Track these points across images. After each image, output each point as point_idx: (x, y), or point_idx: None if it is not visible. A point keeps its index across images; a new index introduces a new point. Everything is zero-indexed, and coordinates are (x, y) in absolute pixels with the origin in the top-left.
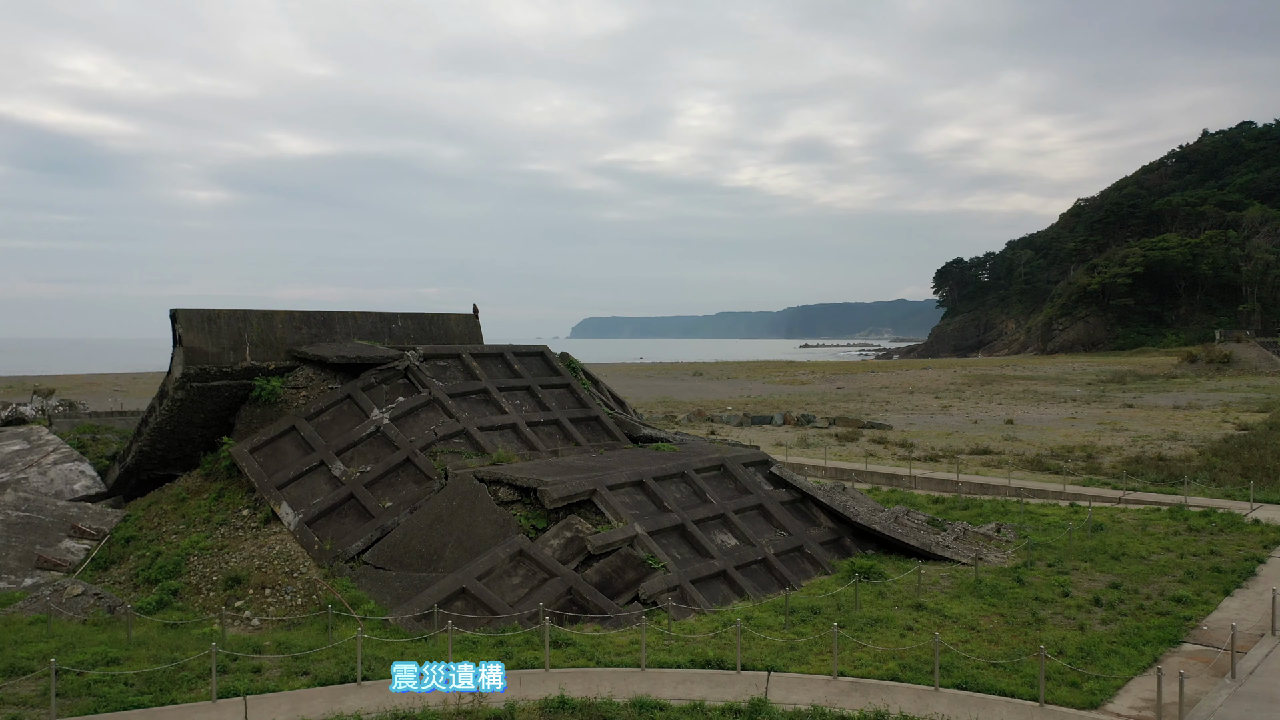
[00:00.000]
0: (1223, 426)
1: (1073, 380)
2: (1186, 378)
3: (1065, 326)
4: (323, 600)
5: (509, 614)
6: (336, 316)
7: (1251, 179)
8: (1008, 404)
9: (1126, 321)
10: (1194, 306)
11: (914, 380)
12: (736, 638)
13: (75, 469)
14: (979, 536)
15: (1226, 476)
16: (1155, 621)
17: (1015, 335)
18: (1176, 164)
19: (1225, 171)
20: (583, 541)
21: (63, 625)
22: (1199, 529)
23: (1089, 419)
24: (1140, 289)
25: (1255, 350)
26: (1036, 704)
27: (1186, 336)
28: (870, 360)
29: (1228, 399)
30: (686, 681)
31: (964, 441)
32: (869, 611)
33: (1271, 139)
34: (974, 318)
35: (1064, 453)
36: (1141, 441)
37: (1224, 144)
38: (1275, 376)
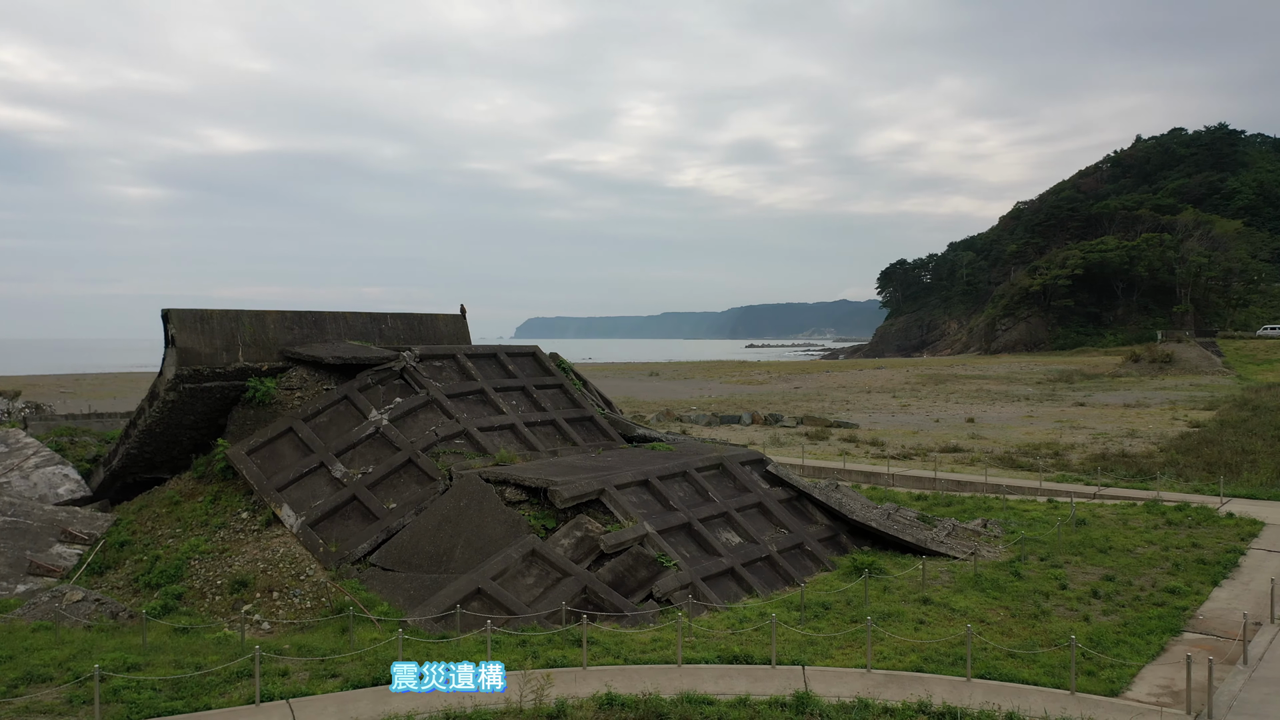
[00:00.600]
0: (1174, 424)
1: (1022, 379)
2: (1131, 377)
3: (1008, 327)
4: (334, 603)
5: (527, 614)
6: (328, 316)
7: (1183, 184)
8: (964, 403)
9: (1066, 322)
10: (1131, 307)
11: (869, 380)
12: (772, 634)
13: (58, 472)
14: (968, 532)
15: (1192, 472)
16: (1154, 612)
17: (958, 335)
18: (1112, 168)
19: (1158, 176)
20: (593, 541)
21: (71, 632)
22: (1177, 523)
23: (1046, 417)
24: (1080, 290)
25: (1195, 350)
26: (1068, 692)
27: (1124, 336)
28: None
29: (1173, 397)
30: (725, 677)
31: (931, 440)
32: (878, 606)
33: (1201, 145)
34: (917, 318)
35: (1031, 450)
36: (1102, 439)
37: (1156, 150)
38: (1215, 375)
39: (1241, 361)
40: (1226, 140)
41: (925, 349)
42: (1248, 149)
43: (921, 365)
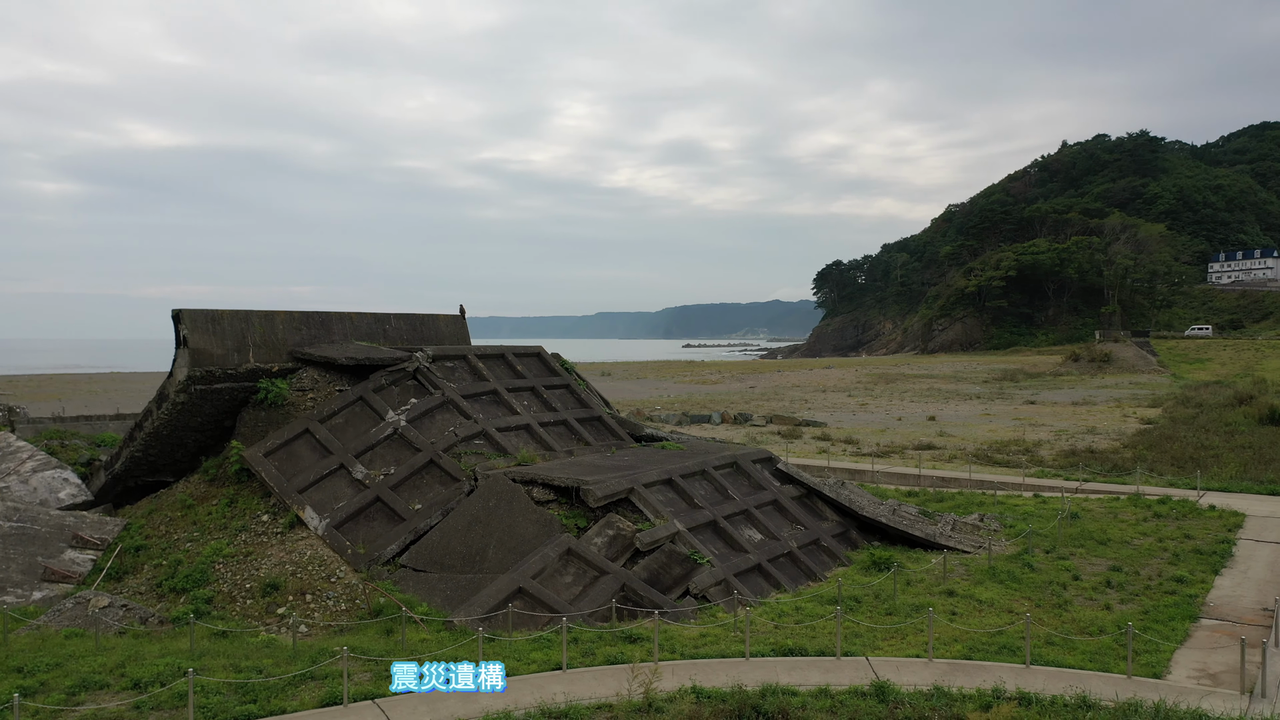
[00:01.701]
0: (1126, 421)
1: (969, 379)
2: (1072, 375)
3: (945, 327)
4: (370, 604)
5: (570, 612)
6: (334, 317)
7: (1108, 188)
8: (919, 401)
9: (1000, 322)
10: (1062, 308)
11: (821, 379)
12: (837, 628)
13: (58, 476)
14: (968, 526)
15: (1163, 467)
16: (1168, 600)
17: (892, 335)
18: (1039, 173)
19: (1084, 181)
20: (626, 539)
21: (109, 638)
22: (1164, 515)
23: (1003, 415)
24: (1013, 291)
25: (1132, 350)
26: (1124, 676)
27: (1055, 336)
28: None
29: (1117, 395)
30: (796, 669)
31: (902, 438)
32: (906, 600)
33: (1124, 151)
34: (853, 318)
35: (1001, 447)
36: (1064, 436)
37: (1082, 155)
38: (1151, 374)
39: (1175, 360)
40: (1148, 147)
41: (861, 349)
42: (1168, 155)
43: (870, 365)
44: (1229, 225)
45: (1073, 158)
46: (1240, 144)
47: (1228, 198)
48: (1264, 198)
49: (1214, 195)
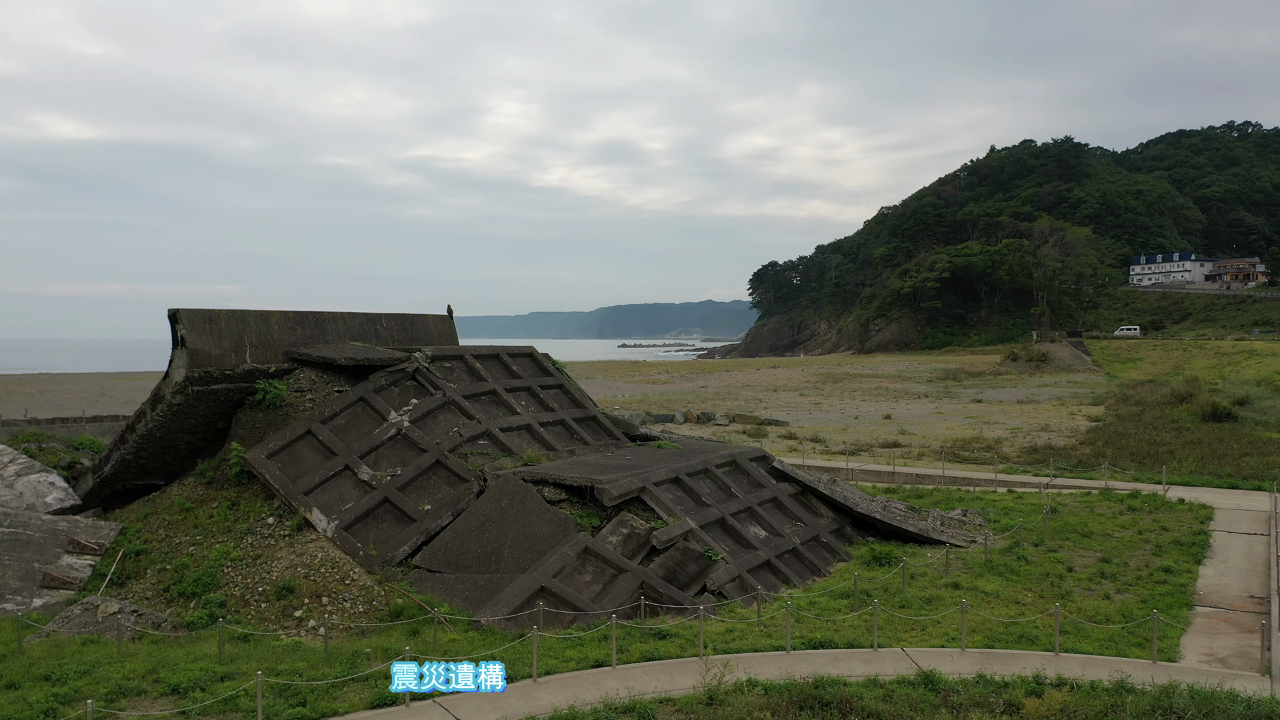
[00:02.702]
0: (1073, 419)
1: (913, 378)
2: (1011, 375)
3: (881, 327)
4: (389, 605)
5: (593, 610)
6: (328, 317)
7: (1034, 192)
8: (869, 400)
9: (935, 323)
10: (993, 309)
11: (769, 379)
12: (874, 620)
13: (43, 480)
14: (954, 521)
15: (1125, 462)
16: (1161, 590)
17: (828, 335)
18: (969, 176)
19: (1012, 185)
20: (641, 537)
21: (132, 645)
22: (1138, 509)
23: (955, 414)
24: (947, 292)
25: (1068, 349)
26: (1149, 661)
27: (987, 336)
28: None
29: (1058, 394)
30: (839, 660)
31: (866, 436)
32: (914, 593)
33: (1050, 156)
34: (788, 318)
35: (964, 444)
36: (1020, 433)
37: (1009, 160)
38: (1087, 373)
39: (1108, 360)
40: (1072, 152)
41: (797, 348)
42: (1091, 161)
43: (814, 364)
44: (1149, 229)
45: (1001, 162)
46: (1158, 151)
47: (1147, 203)
48: (1181, 203)
49: (1135, 200)
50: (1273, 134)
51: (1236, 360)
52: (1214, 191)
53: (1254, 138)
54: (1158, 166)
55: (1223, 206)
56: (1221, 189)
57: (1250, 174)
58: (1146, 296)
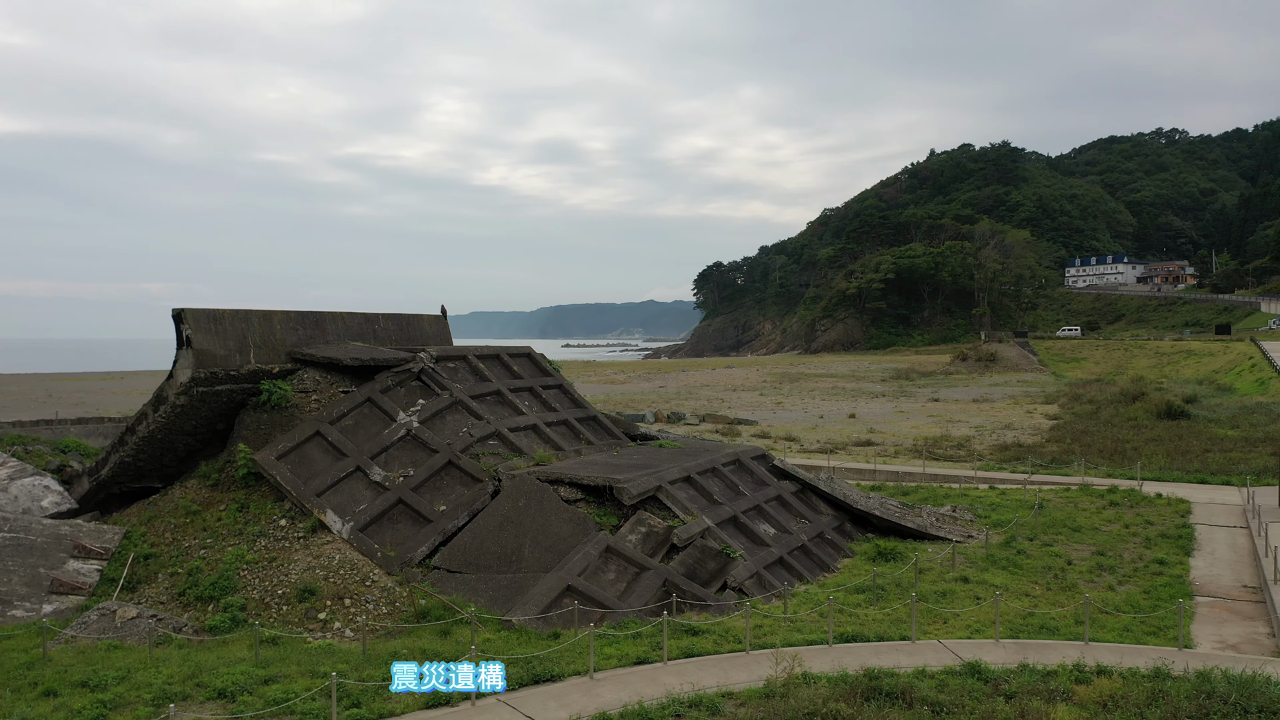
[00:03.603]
0: (1032, 417)
1: (866, 377)
2: (961, 374)
3: (827, 328)
4: (411, 607)
5: (620, 608)
6: (327, 317)
7: (974, 195)
8: (829, 400)
9: (880, 323)
10: (936, 310)
11: (726, 379)
12: (912, 614)
13: (38, 484)
14: (947, 518)
15: (1094, 459)
16: (1159, 581)
17: (772, 335)
18: (909, 179)
19: (951, 188)
20: (659, 535)
21: (163, 650)
22: (1119, 504)
23: (916, 412)
24: (891, 293)
25: (1015, 350)
26: (1176, 649)
27: (930, 336)
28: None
29: (1010, 393)
30: (880, 653)
31: (838, 435)
32: (926, 588)
33: (988, 161)
34: (733, 319)
35: (934, 442)
36: (984, 431)
37: (949, 163)
38: (1034, 372)
39: (1054, 360)
40: (1009, 157)
41: (742, 348)
42: (1027, 165)
43: (769, 364)
44: (1083, 232)
45: (940, 166)
46: (1090, 156)
47: (1082, 206)
48: (1113, 207)
49: (1069, 204)
50: (1199, 141)
51: (1176, 360)
52: (1144, 196)
53: (1181, 144)
54: (1090, 171)
55: (1152, 211)
56: (1151, 194)
57: (1178, 180)
58: (1082, 298)
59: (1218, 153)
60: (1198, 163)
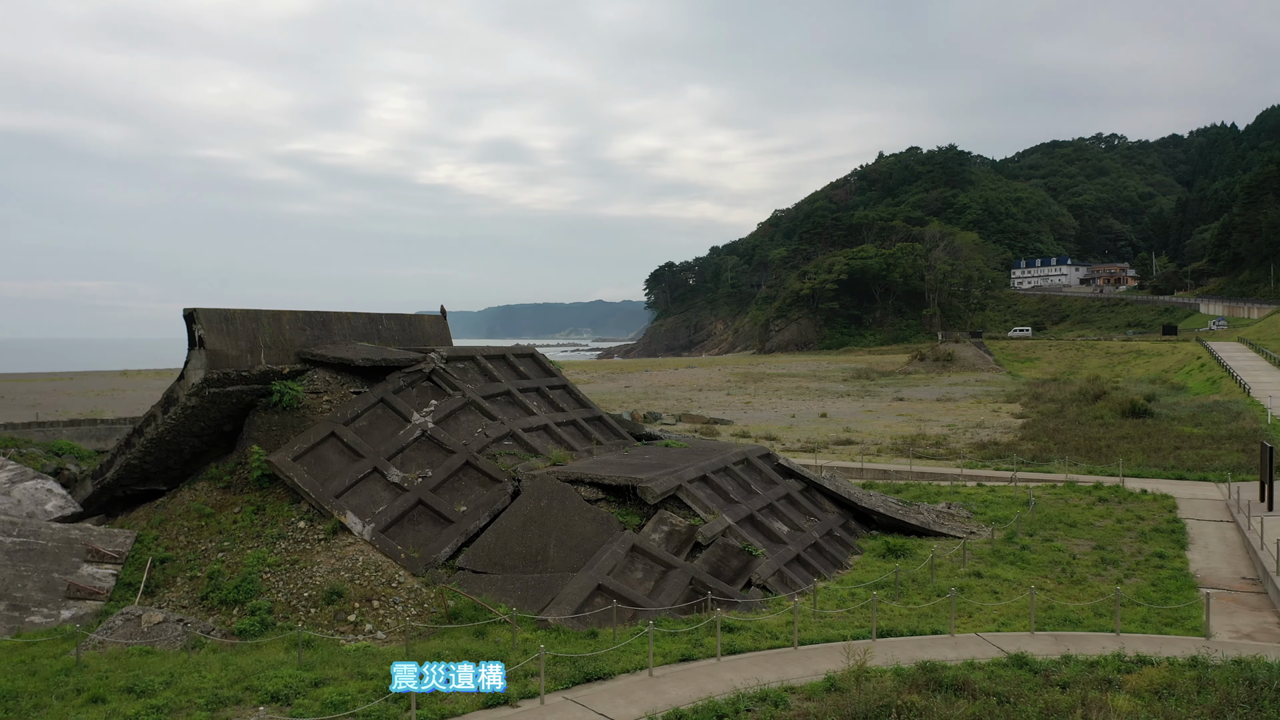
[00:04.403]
0: (999, 416)
1: (828, 377)
2: (920, 373)
3: (781, 328)
4: (443, 608)
5: (650, 606)
6: (333, 317)
7: (922, 198)
8: (796, 399)
9: (832, 323)
10: (888, 310)
11: (690, 379)
12: (951, 609)
13: (40, 487)
14: (945, 514)
15: (1072, 456)
16: (1164, 574)
17: (724, 336)
18: (859, 181)
19: (900, 190)
20: (682, 534)
21: (203, 655)
22: (1107, 499)
23: (885, 411)
24: (843, 294)
25: (972, 350)
26: (1203, 638)
27: (882, 336)
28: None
29: (971, 392)
30: (924, 647)
31: (816, 434)
32: (942, 583)
33: (936, 163)
34: (685, 319)
35: (912, 441)
36: (957, 430)
37: (897, 166)
38: (991, 372)
39: (1008, 359)
40: (956, 160)
41: (694, 348)
42: (973, 169)
43: (730, 364)
44: (1028, 235)
45: (889, 168)
46: (1034, 160)
47: (1026, 209)
48: (1056, 210)
49: (1014, 207)
50: (1137, 146)
51: (1127, 360)
52: (1085, 200)
53: (1120, 149)
54: (1034, 175)
55: (1094, 214)
56: (1092, 197)
57: (1118, 184)
58: (1027, 299)
59: (1155, 158)
60: (1136, 167)
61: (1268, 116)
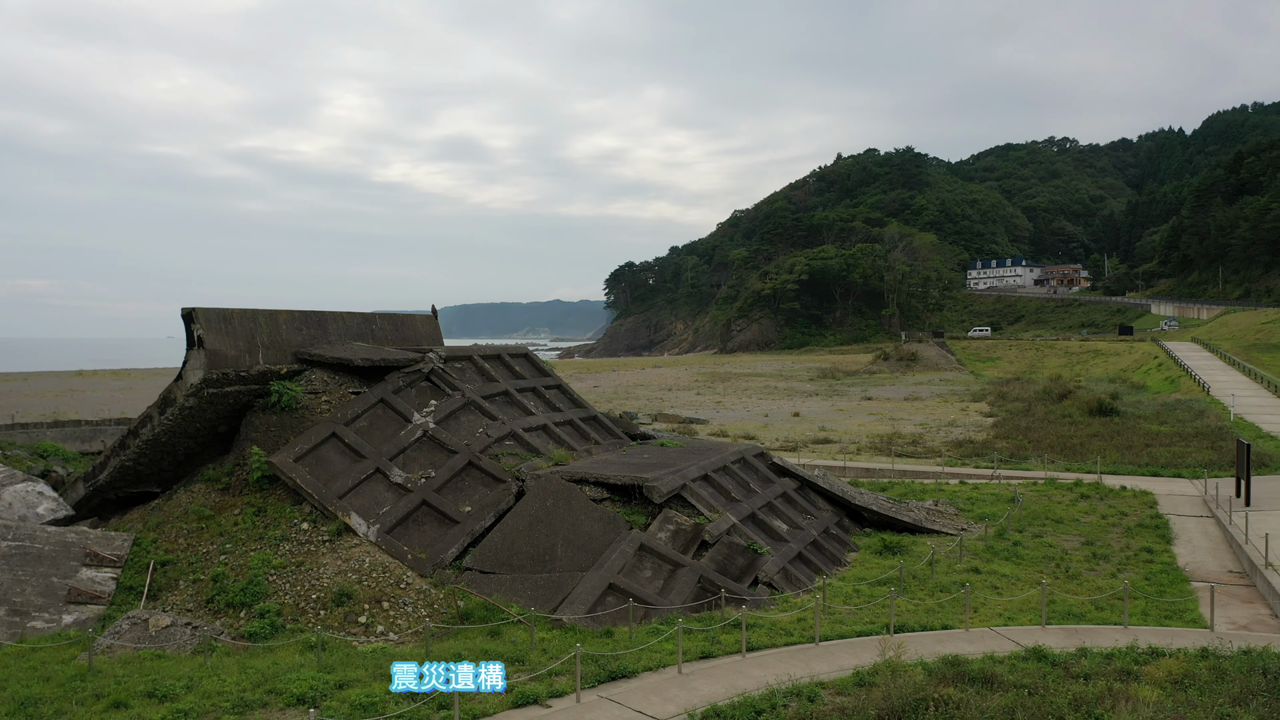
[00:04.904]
0: (968, 414)
1: (794, 377)
2: (884, 373)
3: (743, 328)
4: (452, 608)
5: (662, 605)
6: (329, 317)
7: (880, 199)
8: (766, 398)
9: (793, 323)
10: (848, 310)
11: (658, 378)
12: (965, 603)
13: (31, 490)
14: (935, 512)
15: (1049, 454)
16: (1154, 568)
17: (684, 335)
18: (818, 182)
19: (859, 191)
20: (688, 532)
21: (220, 659)
22: (1089, 496)
23: (856, 410)
24: (804, 294)
25: (935, 349)
26: (1209, 630)
27: (843, 336)
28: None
29: (937, 391)
30: (941, 641)
31: (793, 433)
32: (944, 578)
33: (893, 165)
34: (645, 318)
35: (888, 440)
36: (930, 429)
37: (856, 167)
38: (954, 371)
39: (970, 359)
40: (914, 162)
41: (655, 348)
42: (930, 171)
43: (694, 364)
44: (983, 236)
45: (848, 169)
46: (988, 162)
47: (981, 211)
48: (1010, 212)
49: (970, 209)
50: (1088, 150)
51: (1085, 359)
52: (1039, 202)
53: (1072, 153)
54: (989, 177)
55: (1047, 216)
56: (1045, 199)
57: (1070, 186)
58: (983, 299)
59: (1105, 161)
60: (1088, 170)
61: (1214, 122)
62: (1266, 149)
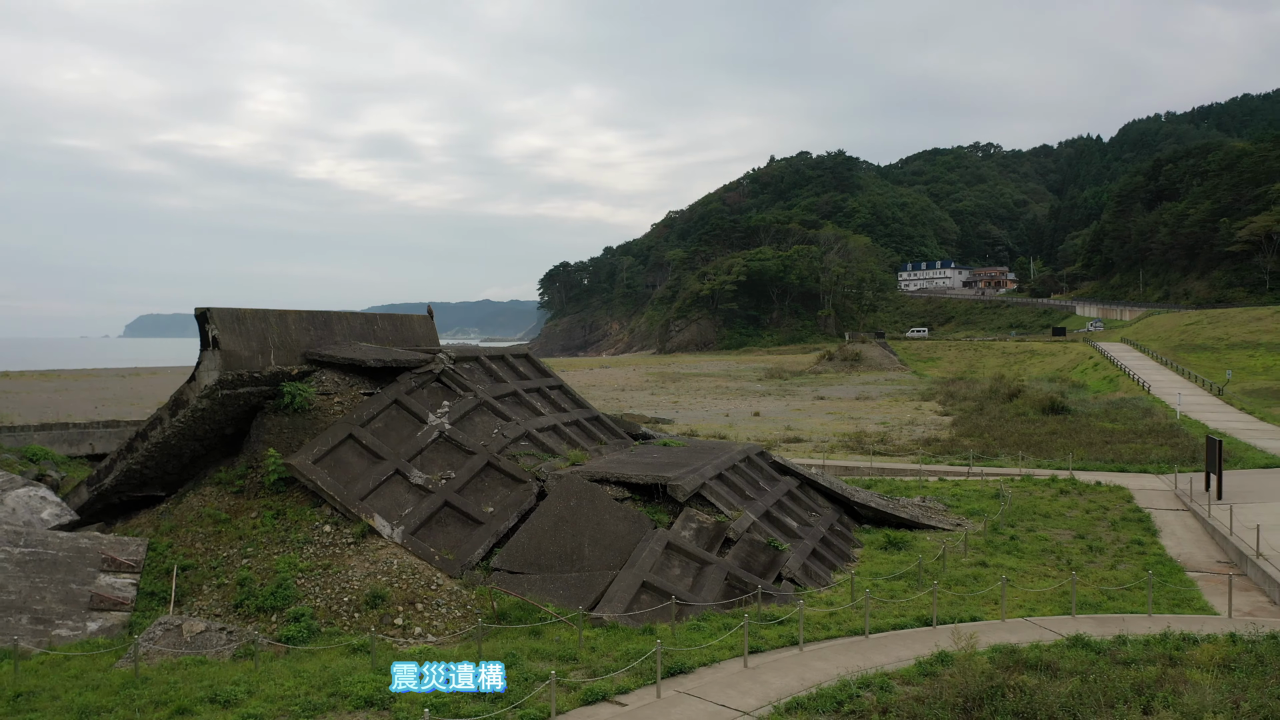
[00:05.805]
0: (921, 412)
1: (742, 377)
2: (830, 373)
3: (682, 328)
4: (486, 608)
5: (694, 602)
6: (334, 317)
7: (813, 201)
8: (721, 398)
9: (731, 324)
10: (785, 311)
11: (609, 379)
12: (1002, 595)
13: (34, 495)
14: (926, 508)
15: (1015, 451)
16: (1149, 559)
17: (620, 336)
18: (751, 184)
19: (792, 193)
20: (710, 530)
21: (268, 663)
22: (1067, 491)
23: (813, 410)
24: (742, 295)
25: (878, 349)
26: (1224, 616)
27: (780, 337)
28: None
29: (885, 390)
30: (983, 632)
31: (762, 432)
32: (954, 572)
33: (826, 168)
34: (580, 319)
35: (856, 438)
36: (892, 427)
37: (789, 170)
38: (897, 371)
39: (911, 359)
40: (846, 165)
41: (590, 348)
42: (861, 174)
43: (640, 364)
44: (914, 238)
45: (781, 172)
46: (917, 166)
47: (911, 214)
48: (939, 215)
49: (900, 212)
50: (1011, 155)
51: (1022, 359)
52: (966, 205)
53: (996, 158)
54: (917, 180)
55: (973, 219)
56: (972, 203)
57: (995, 190)
58: (915, 300)
59: (1028, 166)
60: (1011, 175)
61: (1129, 130)
62: (1184, 157)
